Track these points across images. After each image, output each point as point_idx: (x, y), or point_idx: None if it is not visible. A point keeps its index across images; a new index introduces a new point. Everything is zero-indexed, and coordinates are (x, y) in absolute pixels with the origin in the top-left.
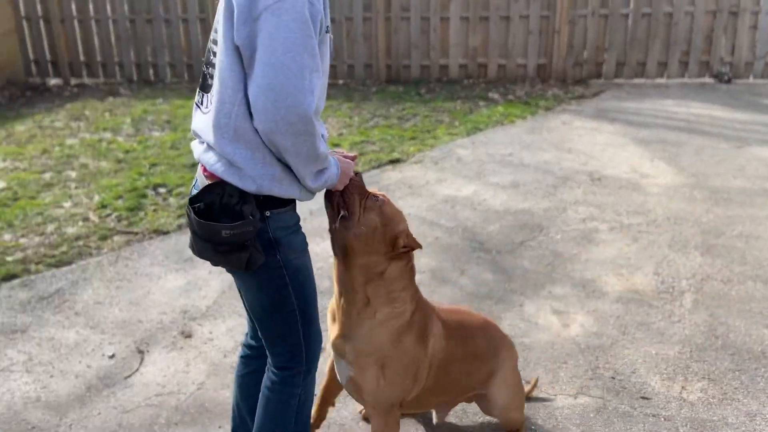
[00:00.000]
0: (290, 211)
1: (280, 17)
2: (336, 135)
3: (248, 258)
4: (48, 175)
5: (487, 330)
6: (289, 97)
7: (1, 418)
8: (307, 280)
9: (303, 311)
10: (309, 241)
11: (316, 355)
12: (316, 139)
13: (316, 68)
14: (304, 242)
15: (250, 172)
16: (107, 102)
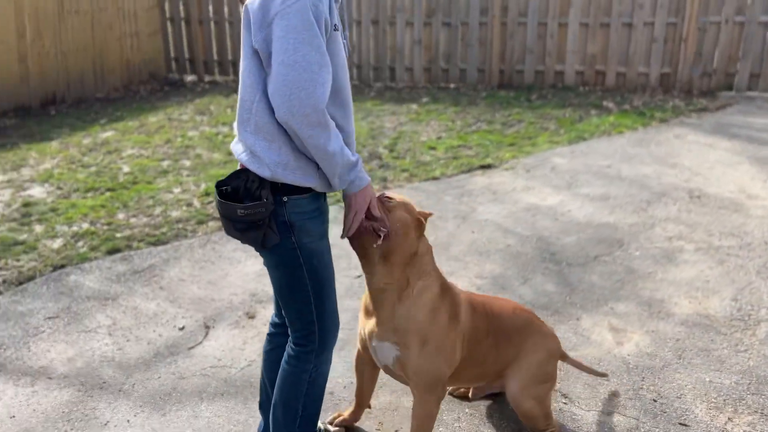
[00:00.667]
0: (310, 198)
1: (288, 21)
2: (435, 138)
3: (263, 237)
4: (166, 163)
5: (516, 313)
6: (303, 90)
7: (80, 371)
8: (322, 264)
9: (317, 293)
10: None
11: (329, 337)
12: (329, 132)
13: (325, 64)
14: (322, 229)
15: (267, 160)
16: (231, 98)
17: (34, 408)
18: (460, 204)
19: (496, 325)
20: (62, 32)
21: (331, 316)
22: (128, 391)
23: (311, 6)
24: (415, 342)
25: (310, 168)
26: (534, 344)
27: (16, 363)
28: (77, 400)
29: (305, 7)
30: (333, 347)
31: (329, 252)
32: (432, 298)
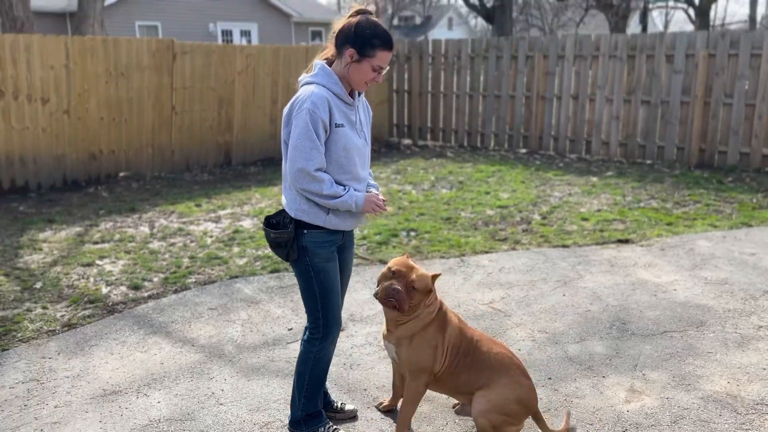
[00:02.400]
0: (322, 233)
1: (296, 122)
2: (594, 210)
3: (287, 253)
4: None
5: (499, 355)
6: (297, 162)
7: (212, 345)
8: (327, 279)
9: (323, 298)
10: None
11: (331, 330)
12: (318, 183)
13: (315, 147)
14: (330, 255)
15: (292, 206)
16: (430, 161)
17: (175, 360)
18: (570, 271)
19: (476, 355)
20: None
21: (334, 315)
22: (234, 361)
23: (310, 114)
24: (406, 341)
25: (320, 213)
26: (507, 383)
27: (178, 333)
28: (201, 361)
29: (305, 115)
30: (334, 338)
31: (335, 271)
32: (427, 318)
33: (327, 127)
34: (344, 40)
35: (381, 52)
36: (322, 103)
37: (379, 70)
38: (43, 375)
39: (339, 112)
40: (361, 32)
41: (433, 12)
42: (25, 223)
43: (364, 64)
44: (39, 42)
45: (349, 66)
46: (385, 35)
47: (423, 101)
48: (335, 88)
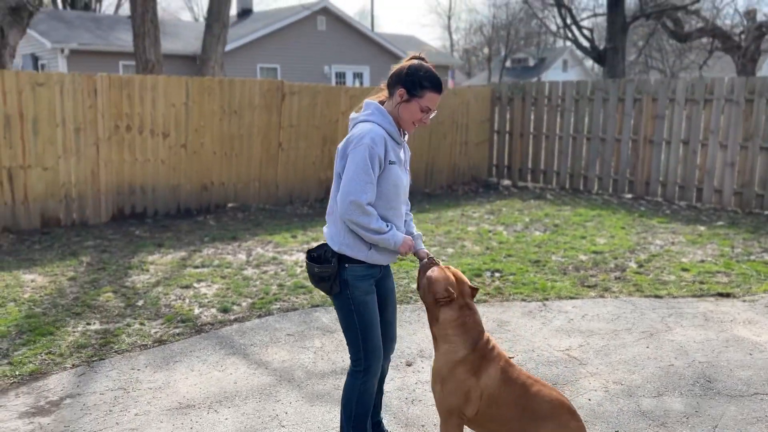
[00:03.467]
0: (363, 267)
1: (354, 156)
2: (697, 261)
3: (330, 287)
4: (434, 249)
5: (547, 396)
6: (351, 194)
7: (284, 369)
8: (367, 312)
9: (363, 331)
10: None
11: (372, 363)
12: (367, 217)
13: (370, 181)
14: (369, 288)
15: (336, 240)
16: (527, 203)
17: (247, 381)
18: (659, 322)
19: (522, 403)
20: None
21: (374, 348)
22: (302, 386)
23: (369, 149)
24: (435, 381)
25: (363, 247)
26: (554, 428)
27: (255, 355)
28: (271, 383)
29: (364, 150)
30: (377, 371)
31: (374, 304)
32: (453, 359)
33: (382, 163)
34: (396, 80)
35: (430, 93)
36: (380, 140)
37: (428, 110)
38: (130, 385)
39: (392, 150)
40: (412, 73)
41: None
42: (138, 246)
43: (413, 104)
44: (163, 82)
45: (399, 105)
46: (434, 78)
47: (524, 142)
48: (389, 127)
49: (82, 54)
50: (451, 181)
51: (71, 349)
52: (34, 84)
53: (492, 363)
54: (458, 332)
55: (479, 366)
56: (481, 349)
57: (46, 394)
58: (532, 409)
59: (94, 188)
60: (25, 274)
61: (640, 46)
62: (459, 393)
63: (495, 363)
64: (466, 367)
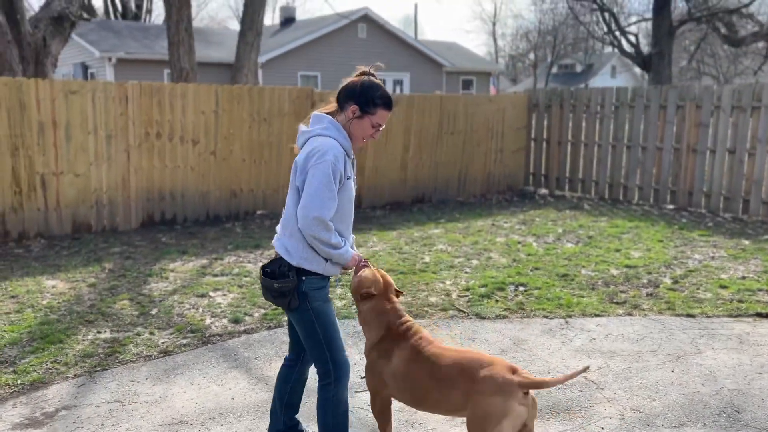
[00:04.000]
0: (319, 278)
1: (316, 172)
2: (737, 278)
3: (289, 302)
4: (459, 260)
5: (457, 369)
6: (314, 210)
7: None
8: (328, 321)
9: (327, 341)
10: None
11: (342, 372)
12: (328, 233)
13: (332, 197)
14: (327, 297)
15: (295, 254)
16: (562, 213)
17: (245, 397)
18: (688, 344)
19: (436, 374)
20: (438, 148)
21: (342, 356)
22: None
23: (332, 165)
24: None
25: (321, 261)
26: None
27: (257, 370)
28: (268, 400)
29: (327, 167)
30: (347, 378)
31: (333, 313)
32: (369, 344)
33: (342, 178)
34: (348, 96)
35: (381, 110)
36: (341, 156)
37: (378, 127)
38: (127, 397)
39: (348, 165)
40: (365, 91)
41: (595, 60)
42: (162, 253)
43: (365, 121)
44: (193, 90)
45: (351, 121)
46: (386, 97)
47: (562, 150)
48: (345, 143)
49: (129, 62)
50: (485, 189)
51: (77, 358)
52: (67, 92)
53: (403, 343)
54: (374, 319)
55: (391, 348)
56: (393, 332)
57: (42, 405)
58: (441, 378)
59: (124, 195)
60: (48, 280)
61: (691, 52)
62: (376, 375)
63: (407, 342)
64: (380, 351)
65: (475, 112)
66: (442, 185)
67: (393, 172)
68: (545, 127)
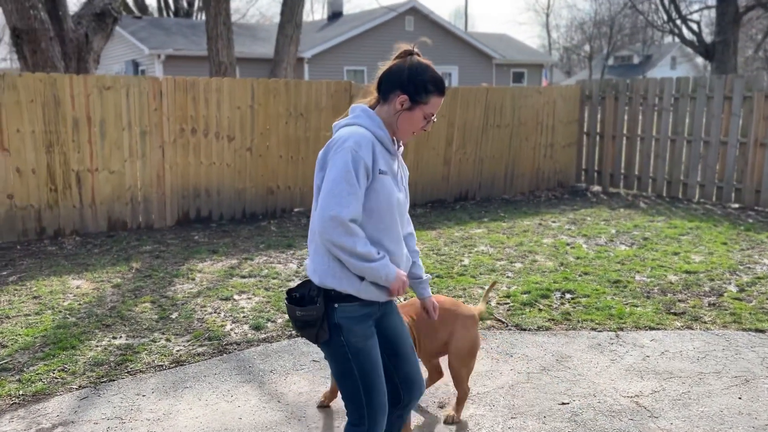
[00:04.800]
0: (357, 306)
1: (334, 163)
2: None
3: (316, 334)
4: (500, 263)
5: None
6: (330, 209)
7: (297, 403)
8: (368, 361)
9: (365, 384)
10: None
11: (377, 420)
12: (352, 238)
13: (354, 192)
14: (369, 331)
15: (318, 269)
16: (615, 212)
17: (254, 416)
18: (758, 365)
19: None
20: (483, 142)
21: (379, 402)
22: (311, 428)
23: (352, 153)
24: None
25: (354, 279)
26: (457, 334)
27: (272, 384)
28: (279, 421)
29: (346, 155)
30: (381, 427)
31: (376, 349)
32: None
33: (370, 171)
34: (393, 83)
35: (435, 97)
36: (367, 143)
37: (430, 117)
38: (128, 414)
39: (381, 157)
40: (413, 75)
41: (654, 51)
42: (193, 252)
43: (416, 112)
44: (228, 84)
45: (399, 114)
46: (438, 79)
47: (616, 145)
48: (379, 132)
49: (177, 59)
50: (534, 186)
51: (87, 366)
52: (101, 87)
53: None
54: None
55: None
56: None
57: (39, 420)
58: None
59: (159, 191)
60: (74, 280)
61: (758, 41)
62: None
63: (414, 308)
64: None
65: (523, 105)
66: (487, 181)
67: (435, 167)
68: (599, 121)
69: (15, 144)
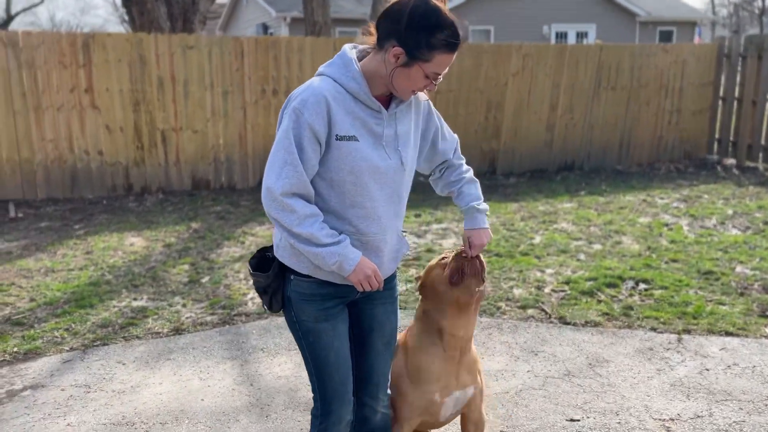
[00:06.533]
0: (312, 283)
1: (278, 128)
2: None
3: (269, 302)
4: (576, 244)
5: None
6: (266, 179)
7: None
8: (319, 345)
9: (315, 368)
10: None
11: (329, 409)
12: (287, 214)
13: (290, 162)
14: (322, 314)
15: (275, 239)
16: (742, 189)
17: (216, 399)
18: None
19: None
20: (594, 106)
21: (333, 392)
22: (270, 418)
23: (294, 116)
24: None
25: (304, 256)
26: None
27: (254, 364)
28: (240, 408)
29: (288, 118)
30: (340, 419)
31: (333, 336)
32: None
33: (320, 137)
34: (389, 30)
35: (441, 55)
36: (317, 103)
37: (435, 77)
38: (98, 383)
39: (351, 119)
40: (413, 23)
41: None
42: (256, 215)
43: (415, 71)
44: (310, 44)
45: (394, 70)
46: (450, 31)
47: (758, 112)
48: (352, 85)
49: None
50: (654, 157)
51: (91, 327)
52: (184, 47)
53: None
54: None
55: None
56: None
57: (14, 381)
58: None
59: (241, 152)
60: (132, 237)
61: None
62: None
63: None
64: None
65: (644, 65)
66: (598, 151)
67: (536, 134)
68: (738, 83)
69: (104, 102)
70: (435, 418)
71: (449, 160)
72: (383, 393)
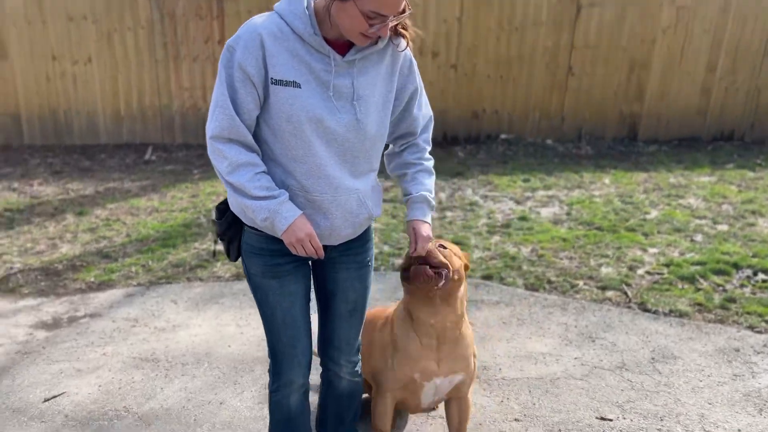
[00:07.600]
0: (262, 237)
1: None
2: None
3: (227, 249)
4: (698, 222)
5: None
6: (207, 122)
7: None
8: (265, 303)
9: (266, 325)
10: None
11: (279, 369)
12: (220, 159)
13: (221, 105)
14: (267, 270)
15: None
16: None
17: (243, 347)
18: None
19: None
20: (763, 68)
21: (282, 353)
22: None
23: (227, 55)
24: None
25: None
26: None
27: None
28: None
29: (222, 56)
30: (290, 382)
31: (278, 294)
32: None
33: (253, 79)
34: None
35: None
36: (251, 40)
37: (376, 18)
38: (145, 319)
39: (296, 62)
40: None
41: None
42: None
43: (350, 7)
44: None
45: (331, 4)
46: None
47: None
48: (296, 24)
49: None
50: None
51: (166, 266)
52: None
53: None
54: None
55: None
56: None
57: (79, 308)
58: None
59: None
60: None
61: None
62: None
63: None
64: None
65: None
66: (765, 119)
67: (688, 98)
68: None
69: None
70: (416, 398)
71: (415, 138)
72: (346, 359)
